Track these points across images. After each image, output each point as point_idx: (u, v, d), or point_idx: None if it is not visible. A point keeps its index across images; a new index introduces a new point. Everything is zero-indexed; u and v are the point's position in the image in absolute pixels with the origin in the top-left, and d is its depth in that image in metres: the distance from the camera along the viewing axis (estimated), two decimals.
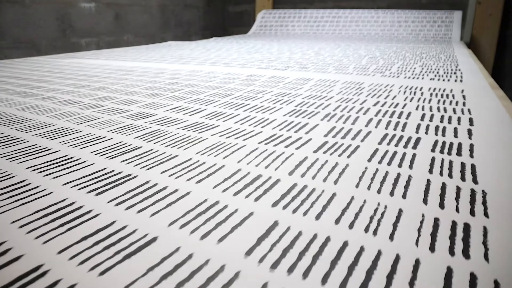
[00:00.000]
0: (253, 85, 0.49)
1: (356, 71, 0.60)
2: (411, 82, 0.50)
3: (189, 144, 0.27)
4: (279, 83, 0.50)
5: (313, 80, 0.52)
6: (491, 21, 1.43)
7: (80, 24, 1.33)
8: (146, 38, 1.56)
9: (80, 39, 1.34)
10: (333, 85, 0.48)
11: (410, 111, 0.35)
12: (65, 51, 1.30)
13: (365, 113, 0.34)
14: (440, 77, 0.54)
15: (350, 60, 0.74)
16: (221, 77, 0.56)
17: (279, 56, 0.81)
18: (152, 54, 0.88)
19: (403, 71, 0.59)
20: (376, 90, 0.45)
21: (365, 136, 0.28)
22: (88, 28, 1.36)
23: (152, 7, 1.57)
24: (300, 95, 0.42)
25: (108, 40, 1.43)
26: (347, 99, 0.40)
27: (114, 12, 1.43)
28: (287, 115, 0.34)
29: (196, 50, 0.96)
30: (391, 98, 0.40)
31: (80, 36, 1.34)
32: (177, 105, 0.39)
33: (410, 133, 0.28)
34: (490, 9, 1.42)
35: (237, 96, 0.42)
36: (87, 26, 1.35)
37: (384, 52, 0.88)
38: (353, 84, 0.49)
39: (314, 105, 0.37)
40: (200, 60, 0.77)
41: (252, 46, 1.06)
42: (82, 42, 1.35)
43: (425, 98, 0.40)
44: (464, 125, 0.30)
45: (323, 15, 1.54)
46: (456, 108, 0.36)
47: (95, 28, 1.38)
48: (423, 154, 0.24)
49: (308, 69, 0.62)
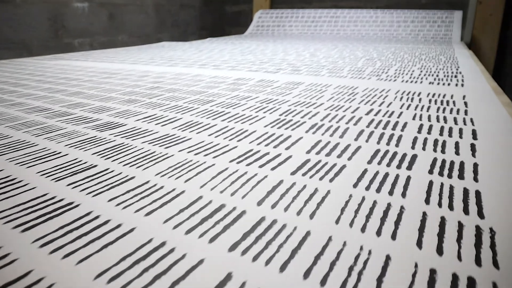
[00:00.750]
0: (239, 90, 0.45)
1: (351, 74, 0.56)
2: (409, 87, 0.46)
3: (151, 162, 0.23)
4: (266, 88, 0.46)
5: (304, 85, 0.48)
6: (492, 21, 1.39)
7: (73, 24, 1.29)
8: (141, 39, 1.52)
9: (73, 40, 1.31)
10: (324, 90, 0.44)
11: (406, 121, 0.31)
12: (58, 51, 1.26)
13: (356, 123, 0.31)
14: (440, 80, 0.50)
15: (345, 62, 0.70)
16: (207, 81, 0.52)
17: (272, 57, 0.78)
18: (142, 56, 0.85)
19: (401, 74, 0.56)
20: (371, 95, 0.41)
21: (354, 152, 0.24)
22: (82, 29, 1.32)
23: (147, 7, 1.54)
24: (287, 101, 0.39)
25: (102, 41, 1.39)
26: (338, 107, 0.36)
27: (108, 12, 1.40)
28: (268, 125, 0.30)
29: (188, 51, 0.92)
30: (386, 106, 0.36)
31: (73, 37, 1.30)
32: (152, 114, 0.35)
33: (405, 148, 0.25)
34: (491, 9, 1.38)
35: (219, 103, 0.39)
36: (81, 26, 1.32)
37: (382, 53, 0.84)
38: (346, 89, 0.45)
39: (301, 114, 0.34)
40: (189, 62, 0.73)
41: (246, 47, 1.02)
42: (75, 42, 1.32)
43: (423, 106, 0.36)
44: (467, 138, 0.27)
45: (321, 15, 1.50)
46: (457, 117, 0.32)
47: (89, 28, 1.34)
48: (419, 177, 0.20)
49: (301, 72, 0.58)
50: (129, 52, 0.95)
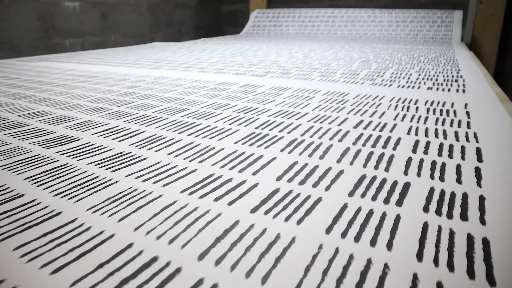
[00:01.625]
0: (218, 96, 0.41)
1: (344, 77, 0.52)
2: (405, 93, 0.41)
3: (87, 192, 0.19)
4: (249, 94, 0.42)
5: (290, 90, 0.43)
6: (492, 21, 1.35)
7: (63, 24, 1.25)
8: (135, 39, 1.48)
9: (64, 40, 1.26)
10: (312, 96, 0.40)
11: (400, 136, 0.27)
12: (48, 52, 1.22)
13: (341, 139, 0.26)
14: (439, 85, 0.46)
15: (339, 64, 0.66)
16: (187, 85, 0.48)
17: (263, 59, 0.73)
18: (129, 57, 0.81)
19: (397, 78, 0.51)
20: (362, 103, 0.37)
21: (334, 179, 0.20)
22: (73, 28, 1.28)
23: (141, 6, 1.49)
24: (268, 111, 0.34)
25: (94, 41, 1.35)
26: (324, 118, 0.32)
27: (101, 12, 1.36)
28: (240, 141, 0.26)
29: (178, 52, 0.88)
30: (378, 116, 0.32)
31: (64, 37, 1.26)
32: (114, 125, 0.31)
33: (397, 174, 0.20)
34: (492, 9, 1.34)
35: (192, 112, 0.34)
36: (71, 26, 1.27)
37: (378, 54, 0.79)
38: (336, 95, 0.41)
39: (280, 127, 0.29)
40: (175, 64, 0.69)
41: (239, 47, 0.98)
42: (66, 43, 1.27)
43: (420, 116, 0.32)
44: (470, 160, 0.22)
45: (318, 15, 1.45)
46: (458, 131, 0.28)
47: (80, 28, 1.30)
48: (411, 217, 0.16)
49: (290, 75, 0.54)
50: (117, 53, 0.90)
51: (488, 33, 1.36)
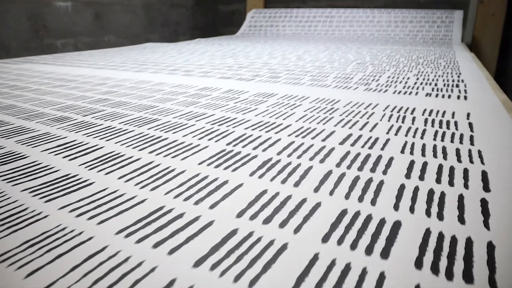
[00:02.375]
0: (196, 104, 0.37)
1: (336, 82, 0.48)
2: (401, 100, 0.38)
3: (9, 229, 0.15)
4: (230, 102, 0.38)
5: (276, 97, 0.40)
6: (493, 21, 1.30)
7: (55, 24, 1.21)
8: (129, 39, 1.44)
9: (56, 40, 1.23)
10: (298, 104, 0.36)
11: (392, 155, 0.23)
12: (39, 53, 1.19)
13: (323, 159, 0.22)
14: (438, 91, 0.42)
15: (333, 66, 0.62)
16: (167, 91, 0.44)
17: (254, 61, 0.69)
18: (116, 59, 0.77)
19: (394, 83, 0.47)
20: (353, 113, 0.33)
21: (307, 216, 0.16)
22: (64, 29, 1.24)
23: (136, 6, 1.45)
24: (246, 122, 0.30)
25: (87, 41, 1.31)
26: (308, 131, 0.28)
27: (94, 12, 1.32)
28: (205, 162, 0.22)
29: (167, 54, 0.84)
30: (369, 129, 0.28)
31: (56, 37, 1.22)
32: (70, 140, 0.27)
33: (385, 209, 0.17)
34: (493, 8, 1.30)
35: (161, 124, 0.31)
36: (63, 26, 1.24)
37: (375, 56, 0.75)
38: (325, 103, 0.37)
39: (256, 142, 0.25)
40: (161, 66, 0.65)
41: (232, 48, 0.94)
42: (58, 43, 1.24)
43: (416, 129, 0.28)
44: (475, 188, 0.19)
45: (315, 15, 1.41)
46: (460, 149, 0.24)
47: (72, 28, 1.26)
48: (400, 276, 0.12)
49: (278, 80, 0.50)
50: (105, 54, 0.87)
51: (489, 33, 1.32)
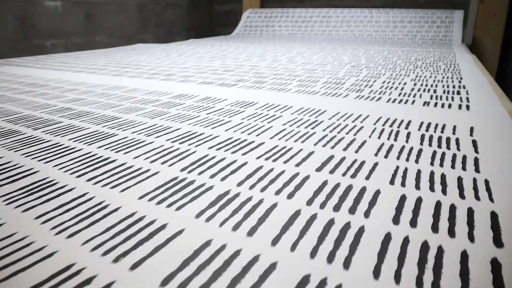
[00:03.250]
0: (164, 115, 0.33)
1: (326, 88, 0.44)
2: (395, 111, 0.33)
3: None
4: (202, 112, 0.33)
5: (255, 107, 0.35)
6: (495, 21, 1.26)
7: (44, 24, 1.17)
8: (122, 40, 1.40)
9: (45, 41, 1.18)
10: (278, 116, 0.32)
11: (378, 187, 0.18)
12: (28, 54, 1.14)
13: (293, 193, 0.18)
14: (438, 99, 0.37)
15: (325, 70, 0.57)
16: (138, 98, 0.40)
17: (242, 64, 0.65)
18: (99, 61, 0.72)
19: (389, 89, 0.43)
20: (339, 127, 0.28)
21: (261, 281, 0.11)
22: (54, 29, 1.20)
23: (128, 6, 1.41)
24: (213, 138, 0.26)
25: (78, 42, 1.27)
26: (282, 151, 0.23)
27: (85, 11, 1.27)
28: (147, 196, 0.18)
29: (155, 55, 0.80)
30: (355, 150, 0.24)
31: (45, 38, 1.18)
32: (4, 160, 0.23)
33: (362, 274, 0.12)
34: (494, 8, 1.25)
35: (116, 141, 0.26)
36: (53, 26, 1.19)
37: (372, 58, 0.71)
38: (309, 114, 0.32)
39: (216, 168, 0.21)
40: (143, 70, 0.61)
41: (223, 50, 0.89)
42: (47, 44, 1.19)
43: (411, 149, 0.23)
44: (482, 241, 0.14)
45: (312, 15, 1.37)
46: (463, 177, 0.19)
47: (63, 29, 1.22)
48: None
49: (263, 85, 0.46)
50: (91, 56, 0.82)
51: (490, 34, 1.27)
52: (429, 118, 0.30)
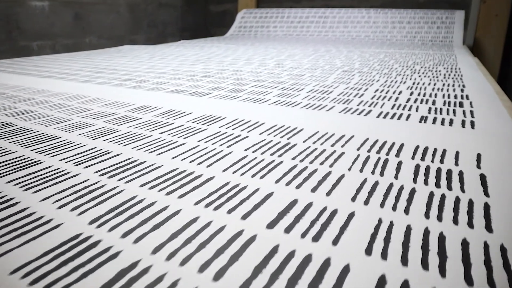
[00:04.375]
0: (110, 134, 0.27)
1: (309, 98, 0.38)
2: (386, 130, 0.27)
3: None
4: (156, 130, 0.28)
5: (220, 123, 0.29)
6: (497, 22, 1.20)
7: (30, 25, 1.11)
8: (113, 41, 1.34)
9: (31, 42, 1.13)
10: (243, 136, 0.26)
11: (347, 260, 0.13)
12: (12, 55, 1.09)
13: (225, 270, 0.12)
14: (437, 113, 0.32)
15: (314, 75, 0.52)
16: (94, 111, 0.34)
17: (225, 68, 0.59)
18: (75, 65, 0.67)
19: (381, 99, 0.37)
20: (313, 154, 0.23)
21: None
22: (41, 30, 1.14)
23: (119, 6, 1.35)
24: (152, 171, 0.20)
25: (66, 43, 1.21)
26: (230, 193, 0.18)
27: (73, 12, 1.22)
28: (53, 253, 0.12)
29: (137, 58, 0.74)
30: (326, 191, 0.18)
31: (31, 39, 1.13)
32: None
33: None
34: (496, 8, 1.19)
35: (20, 176, 0.21)
36: (39, 27, 1.14)
37: (367, 61, 0.65)
38: (280, 135, 0.27)
39: (137, 218, 0.15)
40: (117, 75, 0.55)
41: (211, 52, 0.84)
42: (34, 45, 1.14)
43: (400, 190, 0.18)
44: None
45: (308, 15, 1.31)
46: (469, 239, 0.14)
47: (50, 29, 1.17)
48: None
49: (239, 94, 0.40)
50: (72, 59, 0.77)
51: (492, 35, 1.21)
52: (426, 140, 0.25)
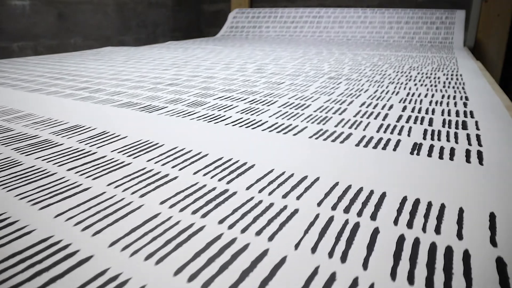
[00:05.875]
0: (13, 167, 0.20)
1: (277, 116, 0.31)
2: (363, 170, 0.20)
3: None
4: (65, 165, 0.21)
5: (152, 154, 0.22)
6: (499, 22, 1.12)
7: (10, 25, 1.04)
8: (99, 42, 1.27)
9: (12, 43, 1.06)
10: (170, 178, 0.19)
11: None
12: None
13: None
14: (433, 138, 0.24)
15: (294, 83, 0.45)
16: (13, 132, 0.27)
17: (197, 74, 0.52)
18: (39, 70, 0.60)
19: (366, 117, 0.30)
20: (253, 214, 0.16)
21: None
22: (22, 30, 1.07)
23: (106, 5, 1.28)
24: (27, 233, 0.13)
25: (49, 44, 1.14)
26: None
27: (57, 11, 1.15)
28: None
29: (110, 62, 0.67)
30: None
31: (11, 40, 1.06)
32: None
33: None
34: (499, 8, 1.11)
35: None
36: (20, 27, 1.07)
37: (358, 66, 0.58)
38: (222, 175, 0.20)
39: None
40: (74, 83, 0.48)
41: (191, 55, 0.77)
42: (14, 46, 1.07)
43: None
44: None
45: (302, 15, 1.23)
46: None
47: (32, 30, 1.10)
48: None
49: (197, 109, 0.33)
50: (41, 62, 0.70)
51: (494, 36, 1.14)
52: (417, 188, 0.18)
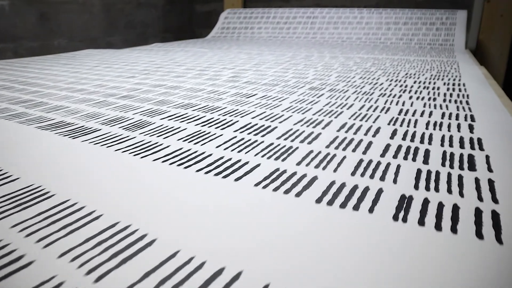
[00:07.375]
0: None
1: (227, 146, 0.24)
2: (320, 257, 0.13)
3: None
4: None
5: (38, 208, 0.15)
6: (502, 23, 1.04)
7: None
8: (85, 43, 1.20)
9: None
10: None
11: None
12: None
13: None
14: (429, 188, 0.17)
15: (267, 96, 0.37)
16: None
17: (163, 83, 0.45)
18: (5, 77, 0.53)
19: (341, 149, 0.23)
20: None
21: None
22: (1, 32, 1.00)
23: (93, 5, 1.21)
24: None
25: (30, 46, 1.07)
26: None
27: (39, 12, 1.08)
28: None
29: (78, 68, 0.60)
30: None
31: None
32: None
33: None
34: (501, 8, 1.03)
35: None
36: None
37: (347, 73, 0.51)
38: (106, 256, 0.13)
39: None
40: (21, 93, 0.41)
41: (169, 59, 0.69)
42: None
43: None
44: None
45: (296, 15, 1.16)
46: None
47: (11, 31, 1.03)
48: None
49: (133, 134, 0.26)
50: (3, 68, 0.63)
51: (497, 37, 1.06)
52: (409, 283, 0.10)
